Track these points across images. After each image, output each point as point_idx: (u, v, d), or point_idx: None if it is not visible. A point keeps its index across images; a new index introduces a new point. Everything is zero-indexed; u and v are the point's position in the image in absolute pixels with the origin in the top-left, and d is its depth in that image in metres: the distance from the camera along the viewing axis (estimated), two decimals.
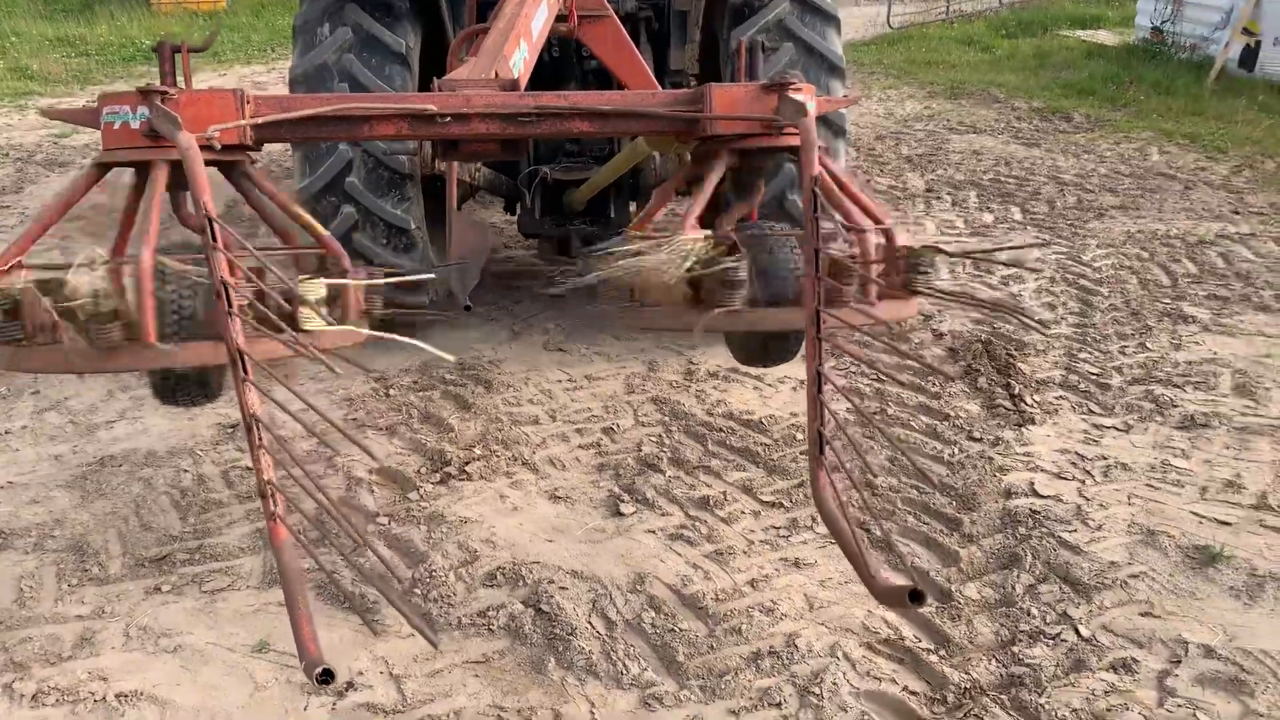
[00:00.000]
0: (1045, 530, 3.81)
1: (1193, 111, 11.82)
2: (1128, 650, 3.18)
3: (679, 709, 2.95)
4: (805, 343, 2.59)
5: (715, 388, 5.06)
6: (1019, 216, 8.16)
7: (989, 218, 8.13)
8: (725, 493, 4.08)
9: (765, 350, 3.66)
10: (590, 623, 3.31)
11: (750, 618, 3.33)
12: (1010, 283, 6.61)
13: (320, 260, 2.90)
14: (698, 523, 3.89)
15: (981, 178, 9.33)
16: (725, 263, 2.80)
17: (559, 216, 5.65)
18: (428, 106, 2.88)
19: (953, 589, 3.47)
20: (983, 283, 6.63)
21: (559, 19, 4.32)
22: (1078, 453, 4.42)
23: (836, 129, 5.21)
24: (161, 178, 2.56)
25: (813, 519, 3.85)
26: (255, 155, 2.93)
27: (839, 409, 4.01)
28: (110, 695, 2.98)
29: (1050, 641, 3.22)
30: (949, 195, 8.76)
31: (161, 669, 3.11)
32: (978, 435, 4.56)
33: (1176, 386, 5.07)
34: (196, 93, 2.68)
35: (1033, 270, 6.73)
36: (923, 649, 3.19)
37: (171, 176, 2.65)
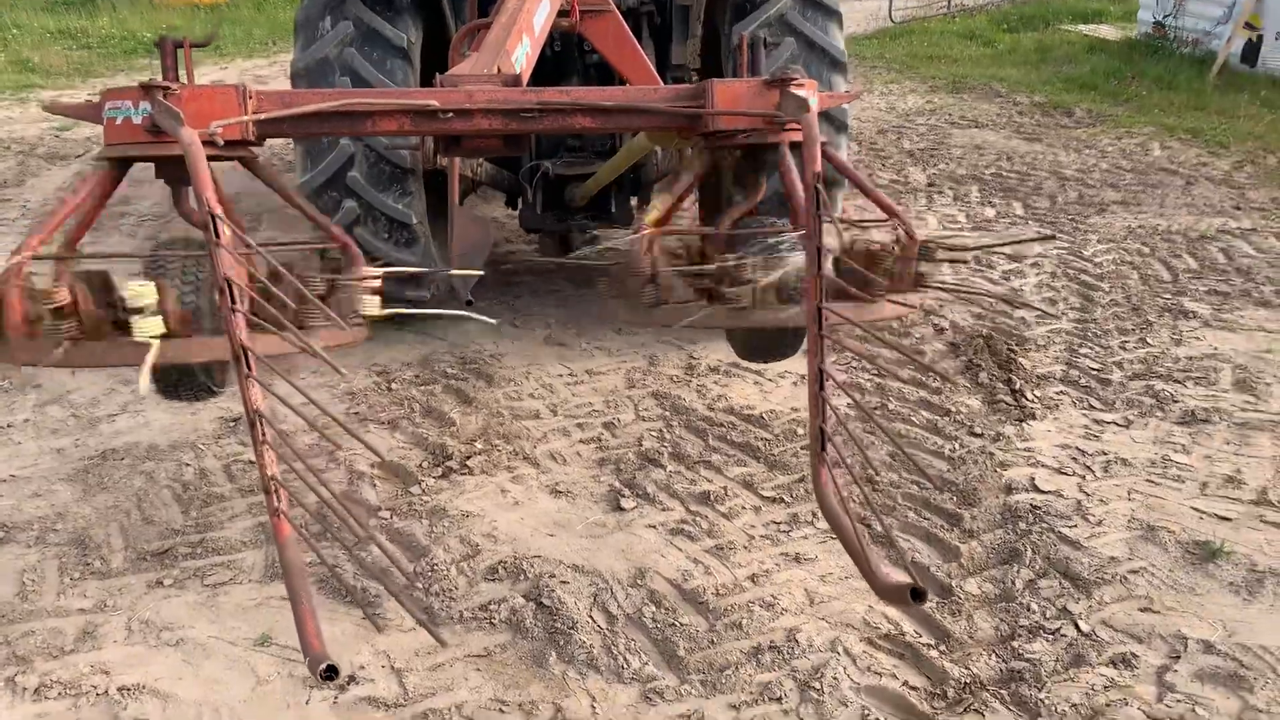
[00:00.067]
0: (1045, 525, 3.81)
1: (1195, 106, 11.80)
2: (1127, 645, 3.19)
3: (680, 703, 2.96)
4: (807, 339, 2.59)
5: (716, 382, 5.07)
6: (1020, 211, 8.16)
7: (990, 212, 8.13)
8: (726, 488, 4.09)
9: (768, 346, 3.66)
10: (591, 617, 3.32)
11: (751, 612, 3.34)
12: (1011, 277, 6.61)
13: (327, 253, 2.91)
14: (698, 518, 3.89)
15: (983, 172, 9.33)
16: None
17: (560, 211, 5.65)
18: (430, 102, 2.88)
19: (953, 584, 3.48)
20: (984, 278, 6.63)
21: (561, 14, 4.31)
22: (1078, 448, 4.42)
23: (838, 124, 5.21)
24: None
25: (813, 514, 3.86)
26: (257, 150, 2.93)
27: (839, 404, 4.02)
28: (112, 689, 2.99)
29: (1050, 637, 3.22)
30: (950, 190, 8.75)
31: (163, 663, 3.12)
32: (979, 430, 4.56)
33: (1177, 382, 5.07)
34: (199, 88, 2.68)
35: (1028, 256, 6.71)
36: (923, 644, 3.20)
37: (173, 172, 2.65)
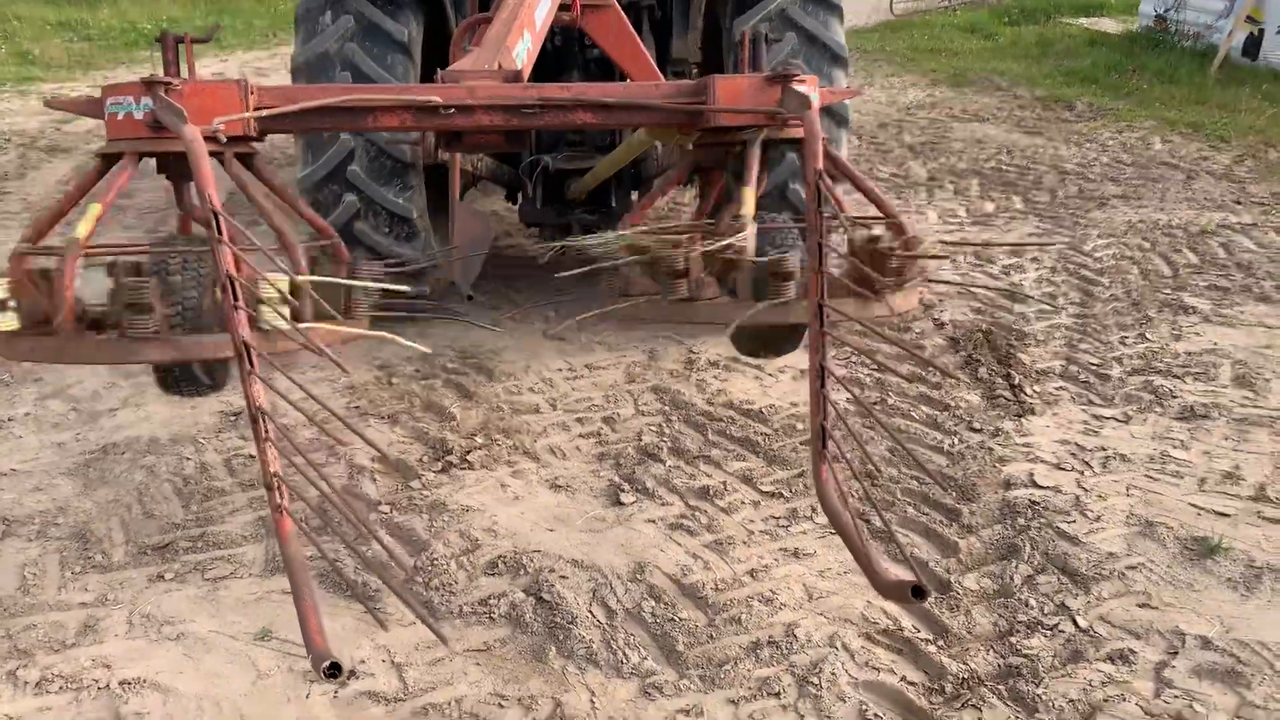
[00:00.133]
0: (1044, 521, 3.82)
1: (1195, 100, 11.79)
2: (1125, 641, 3.20)
3: (678, 698, 2.97)
4: (809, 335, 2.59)
5: (715, 377, 5.07)
6: (1021, 206, 8.15)
7: (991, 206, 8.13)
8: (725, 482, 4.10)
9: (769, 342, 3.67)
10: (591, 612, 3.33)
11: (750, 607, 3.35)
12: (1011, 272, 6.61)
13: (320, 252, 2.91)
14: (698, 512, 3.90)
15: (984, 166, 9.32)
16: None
17: (561, 206, 5.65)
18: (432, 98, 2.89)
19: (952, 579, 3.49)
20: (984, 272, 6.63)
21: (562, 8, 4.31)
22: (1077, 444, 4.43)
23: (839, 118, 5.22)
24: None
25: (812, 509, 3.87)
26: (257, 145, 2.93)
27: (839, 399, 4.02)
28: (113, 683, 3.00)
29: (1048, 632, 3.23)
30: (951, 184, 8.75)
31: (164, 657, 3.13)
32: (978, 426, 4.57)
33: (1176, 377, 5.07)
34: (200, 84, 2.68)
35: (1028, 251, 6.72)
36: (921, 639, 3.21)
37: (175, 167, 2.65)
